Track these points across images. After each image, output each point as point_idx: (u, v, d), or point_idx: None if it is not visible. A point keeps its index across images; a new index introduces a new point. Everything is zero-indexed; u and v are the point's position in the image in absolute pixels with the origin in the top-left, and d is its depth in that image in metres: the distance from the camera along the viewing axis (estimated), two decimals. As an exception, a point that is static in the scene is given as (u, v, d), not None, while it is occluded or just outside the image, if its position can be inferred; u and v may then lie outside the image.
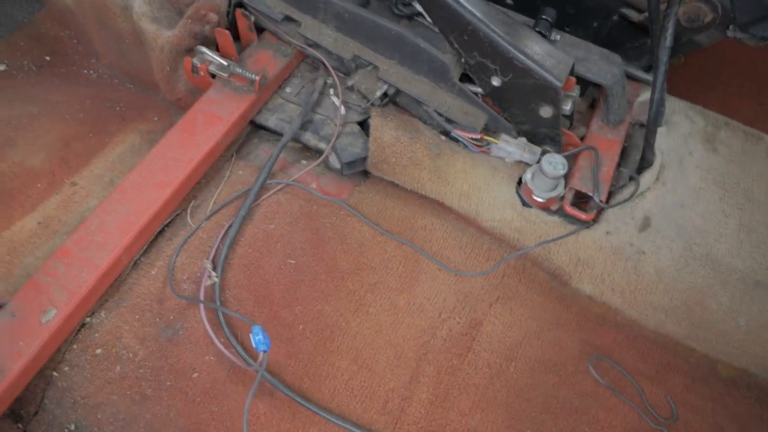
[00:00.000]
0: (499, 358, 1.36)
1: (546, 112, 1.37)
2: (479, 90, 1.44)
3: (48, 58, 1.73)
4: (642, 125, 1.57)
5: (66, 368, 1.16)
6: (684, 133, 1.56)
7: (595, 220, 1.41)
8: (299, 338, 1.25)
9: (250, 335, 1.06)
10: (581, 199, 1.44)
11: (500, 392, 1.32)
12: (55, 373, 1.16)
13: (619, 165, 1.48)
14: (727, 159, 1.55)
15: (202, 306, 1.17)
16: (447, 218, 1.49)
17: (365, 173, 1.51)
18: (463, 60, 1.40)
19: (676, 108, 1.61)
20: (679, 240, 1.41)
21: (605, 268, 1.41)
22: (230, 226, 1.31)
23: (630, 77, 1.55)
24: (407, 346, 1.31)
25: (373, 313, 1.32)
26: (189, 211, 1.37)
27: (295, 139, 1.49)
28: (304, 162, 1.50)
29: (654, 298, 1.40)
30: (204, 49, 1.46)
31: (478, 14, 1.31)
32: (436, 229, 1.47)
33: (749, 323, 1.37)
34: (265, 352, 1.04)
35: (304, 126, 1.49)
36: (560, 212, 1.42)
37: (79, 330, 1.19)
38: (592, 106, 1.62)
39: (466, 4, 1.31)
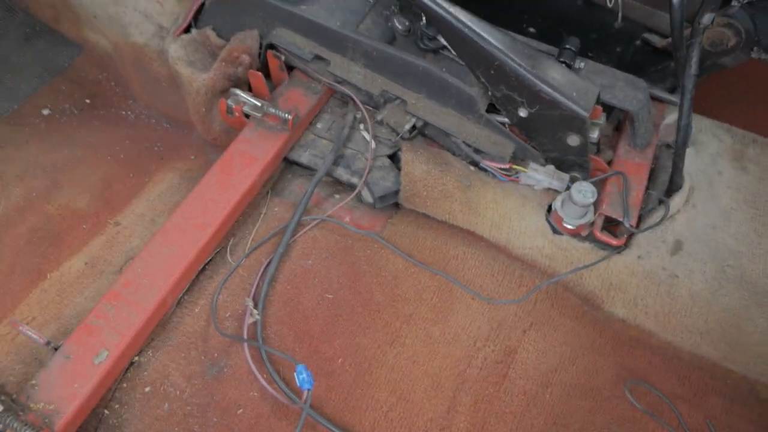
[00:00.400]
0: (534, 385, 1.37)
1: (573, 140, 1.40)
2: (506, 120, 1.47)
3: (88, 101, 1.81)
4: (669, 146, 1.58)
5: (116, 406, 1.21)
6: (712, 152, 1.57)
7: (626, 245, 1.42)
8: (339, 372, 1.28)
9: (295, 374, 1.10)
10: (611, 224, 1.46)
11: (537, 419, 1.33)
12: (106, 411, 1.21)
13: (647, 188, 1.49)
14: (758, 177, 1.55)
15: (245, 344, 1.22)
16: (478, 247, 1.51)
17: (396, 204, 1.55)
18: (490, 93, 1.43)
19: (702, 127, 1.62)
20: (712, 262, 1.41)
21: (638, 292, 1.42)
22: (269, 263, 1.36)
23: (655, 99, 1.56)
24: (443, 376, 1.33)
25: (409, 344, 1.35)
26: (228, 249, 1.41)
27: (328, 174, 1.53)
28: (337, 196, 1.54)
29: (689, 320, 1.41)
30: (238, 92, 1.51)
31: (503, 49, 1.34)
32: (467, 258, 1.49)
33: (787, 345, 1.37)
34: (309, 390, 1.08)
35: (336, 161, 1.53)
36: (591, 238, 1.43)
37: (128, 368, 1.24)
38: (618, 128, 1.63)
39: (492, 40, 1.34)
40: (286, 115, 1.47)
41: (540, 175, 1.46)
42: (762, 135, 1.63)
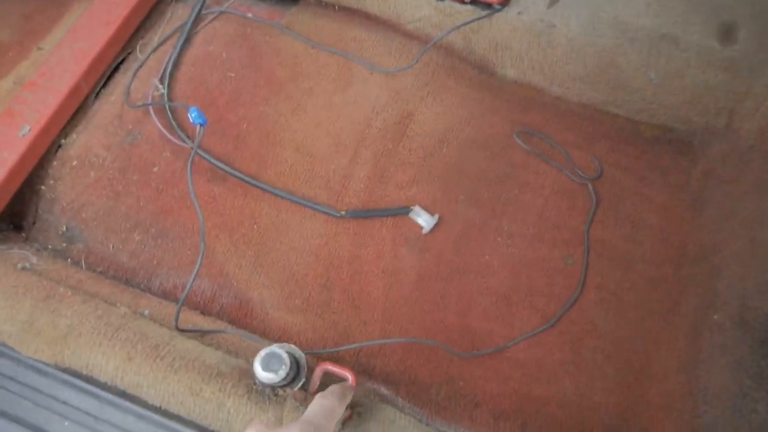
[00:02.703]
0: (432, 141, 1.50)
1: None
2: None
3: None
4: None
5: (51, 182, 1.37)
6: None
7: (506, 3, 1.52)
8: (244, 135, 1.42)
9: (188, 115, 1.23)
10: (491, -11, 1.55)
11: (434, 168, 1.47)
12: (43, 187, 1.36)
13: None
14: None
15: (151, 108, 1.35)
16: (375, 30, 1.61)
17: (294, 2, 1.64)
18: None
19: None
20: (587, 9, 1.50)
21: (522, 46, 1.53)
22: (173, 52, 1.48)
23: None
24: (345, 136, 1.47)
25: (311, 112, 1.48)
26: (138, 48, 1.53)
27: (226, -22, 1.62)
28: (236, -2, 1.64)
29: (570, 68, 1.52)
30: None
31: None
32: (365, 40, 1.60)
33: (659, 75, 1.48)
34: (201, 125, 1.21)
35: (233, -35, 1.62)
36: (473, 2, 1.53)
37: (56, 150, 1.39)
38: None
39: None
40: None
41: (421, -51, 1.54)
42: None
